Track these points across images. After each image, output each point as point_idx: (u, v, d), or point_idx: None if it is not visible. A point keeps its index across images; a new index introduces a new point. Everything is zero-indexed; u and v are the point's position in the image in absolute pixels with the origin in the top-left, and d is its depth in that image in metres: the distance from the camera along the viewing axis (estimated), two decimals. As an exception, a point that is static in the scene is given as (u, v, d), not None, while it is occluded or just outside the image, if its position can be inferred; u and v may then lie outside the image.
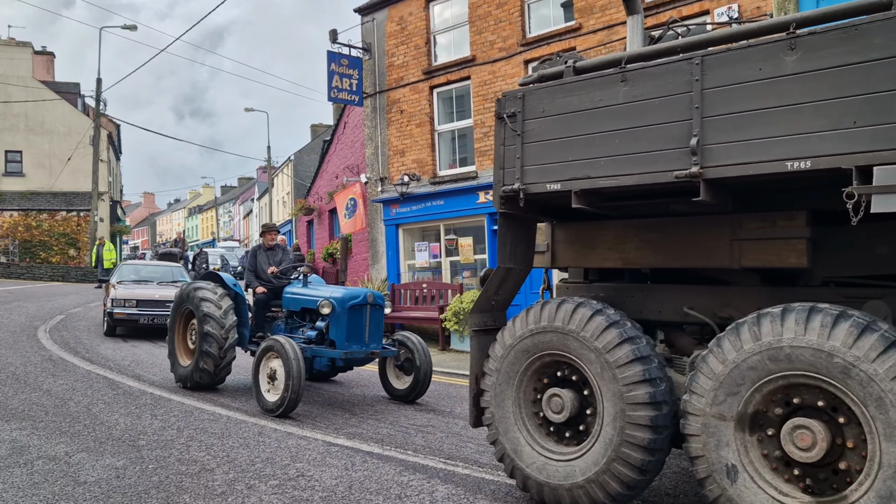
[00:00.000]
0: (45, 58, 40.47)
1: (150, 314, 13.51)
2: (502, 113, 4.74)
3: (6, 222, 33.29)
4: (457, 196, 14.98)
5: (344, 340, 8.02)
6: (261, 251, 9.45)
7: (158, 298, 13.72)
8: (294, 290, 8.84)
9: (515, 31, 14.18)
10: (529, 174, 4.58)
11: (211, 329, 8.37)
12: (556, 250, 5.43)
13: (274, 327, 9.09)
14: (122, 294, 13.69)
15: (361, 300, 8.15)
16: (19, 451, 5.87)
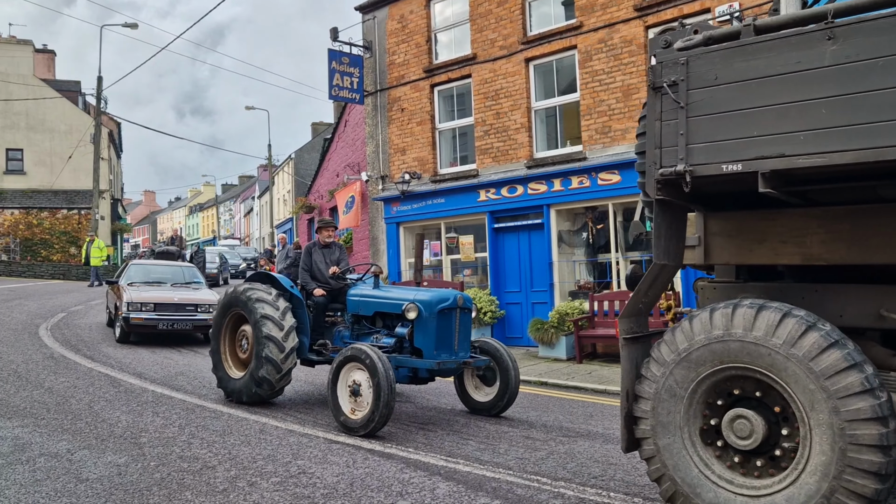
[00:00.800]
0: (46, 56, 40.45)
1: (169, 319, 12.54)
2: (659, 82, 4.04)
3: (7, 220, 33.30)
4: (457, 194, 14.99)
5: (433, 349, 7.18)
6: (316, 249, 8.61)
7: (178, 301, 12.84)
8: (364, 292, 8.01)
9: (516, 29, 14.17)
10: (697, 153, 3.88)
11: (270, 332, 7.50)
12: (710, 244, 4.64)
13: (335, 334, 8.19)
14: (137, 297, 12.58)
15: (451, 303, 7.30)
16: (21, 448, 5.88)
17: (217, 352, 8.29)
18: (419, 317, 7.20)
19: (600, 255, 13.32)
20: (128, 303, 12.32)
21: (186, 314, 12.74)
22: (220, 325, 8.33)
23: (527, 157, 13.93)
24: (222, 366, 8.21)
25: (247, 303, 7.81)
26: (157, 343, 12.87)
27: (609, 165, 12.55)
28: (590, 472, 5.61)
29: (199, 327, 12.81)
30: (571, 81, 13.62)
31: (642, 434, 4.22)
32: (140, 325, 12.35)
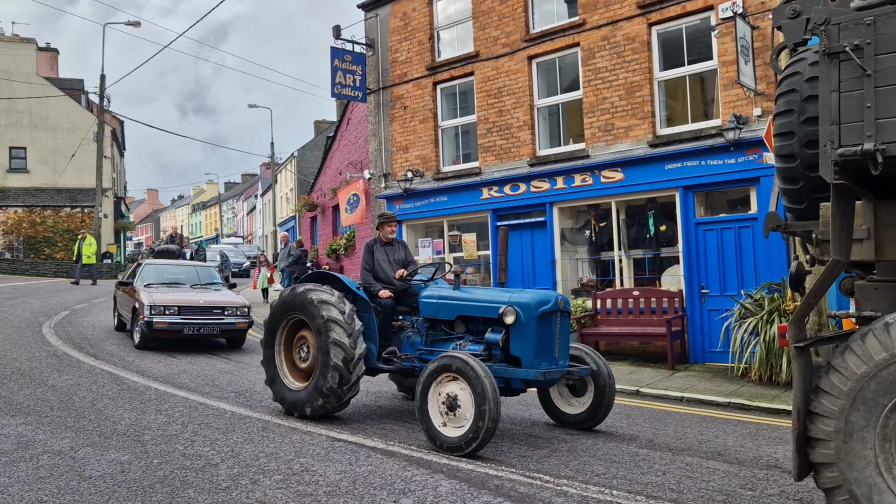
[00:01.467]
0: (48, 54, 40.50)
1: (195, 323, 11.64)
2: (838, 47, 3.50)
3: (10, 218, 33.36)
4: (460, 192, 14.98)
5: (533, 357, 6.44)
6: (378, 247, 7.90)
7: (204, 304, 11.94)
8: (444, 294, 7.24)
9: (519, 26, 14.15)
10: (889, 129, 3.38)
11: (337, 337, 6.80)
12: (881, 238, 3.97)
13: (403, 340, 7.48)
14: (160, 299, 11.62)
15: (552, 306, 6.57)
16: (25, 445, 5.89)
17: (271, 361, 7.51)
18: (517, 321, 6.46)
19: (603, 252, 13.30)
20: (150, 306, 11.36)
21: (213, 318, 11.88)
22: (275, 331, 7.56)
23: (529, 154, 13.92)
24: (278, 377, 7.44)
25: (307, 305, 7.06)
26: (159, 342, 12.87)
27: (612, 163, 12.53)
28: (593, 470, 5.61)
29: (226, 332, 12.14)
30: (574, 79, 13.59)
31: (825, 459, 3.57)
32: (164, 331, 11.42)
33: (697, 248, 11.68)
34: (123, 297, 13.19)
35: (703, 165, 11.47)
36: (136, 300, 11.92)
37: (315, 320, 6.99)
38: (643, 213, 12.70)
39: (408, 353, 7.34)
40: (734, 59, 10.90)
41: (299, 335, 7.46)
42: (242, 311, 12.19)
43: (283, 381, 7.41)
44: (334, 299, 7.03)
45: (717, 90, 11.64)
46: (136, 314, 11.81)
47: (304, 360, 7.36)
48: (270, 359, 7.54)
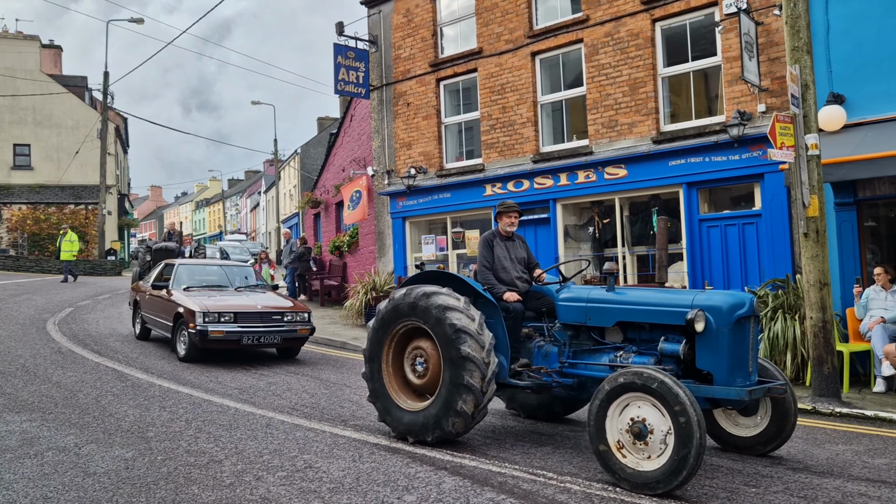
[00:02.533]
0: (52, 51, 40.56)
1: (254, 331, 10.35)
2: None
3: (15, 215, 33.44)
4: (463, 189, 14.96)
5: (727, 372, 5.35)
6: (498, 242, 6.82)
7: (262, 309, 10.65)
8: (595, 297, 6.14)
9: (522, 22, 14.12)
10: None
11: (469, 351, 5.76)
12: None
13: (533, 351, 6.44)
14: (213, 305, 10.35)
15: (748, 309, 5.48)
16: (29, 442, 5.91)
17: (377, 375, 6.48)
18: (707, 329, 5.39)
19: (606, 249, 13.28)
20: (203, 313, 10.06)
21: (273, 324, 10.59)
22: (382, 339, 6.51)
23: (533, 151, 13.90)
24: (386, 394, 6.41)
25: (429, 312, 6.04)
26: (162, 339, 12.89)
27: (615, 160, 12.51)
28: (596, 467, 5.60)
29: (287, 340, 10.81)
30: (578, 75, 13.56)
31: None
32: (220, 341, 10.12)
33: (701, 245, 11.65)
34: (155, 303, 11.82)
35: (707, 162, 11.45)
36: (180, 306, 10.58)
37: (439, 330, 5.96)
38: (647, 209, 12.68)
39: (541, 365, 6.30)
40: (738, 55, 10.86)
41: (413, 346, 6.39)
42: (303, 317, 10.99)
43: (392, 400, 6.37)
44: (462, 305, 6.04)
45: (721, 86, 11.60)
46: (181, 322, 10.50)
47: (419, 375, 6.30)
48: (376, 372, 6.49)
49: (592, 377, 5.95)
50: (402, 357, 6.52)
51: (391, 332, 6.48)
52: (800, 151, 8.36)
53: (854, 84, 10.05)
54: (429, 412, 6.05)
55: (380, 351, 6.52)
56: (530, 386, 6.26)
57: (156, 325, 11.89)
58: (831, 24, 10.29)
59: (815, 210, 8.32)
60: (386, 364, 6.51)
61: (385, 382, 6.46)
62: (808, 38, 8.50)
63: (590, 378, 5.99)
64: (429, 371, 6.22)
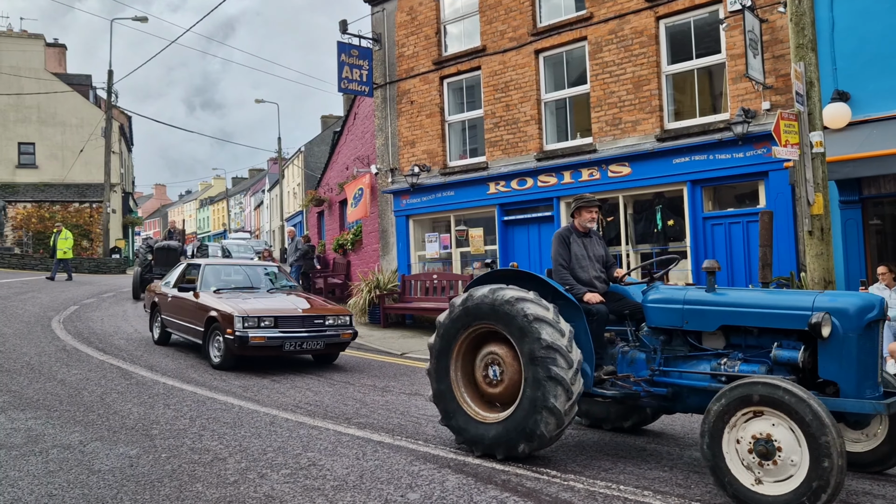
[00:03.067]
0: (56, 50, 40.67)
1: (297, 337, 9.62)
2: None
3: (20, 214, 33.56)
4: (467, 187, 14.96)
5: (855, 382, 4.81)
6: (575, 238, 6.31)
7: (303, 313, 9.95)
8: (693, 298, 5.56)
9: (526, 20, 14.10)
10: None
11: (559, 372, 5.25)
12: None
13: (617, 357, 5.97)
14: (252, 308, 9.72)
15: (878, 313, 4.93)
16: (34, 439, 5.93)
17: (444, 380, 6.01)
18: (832, 334, 4.83)
19: (610, 247, 13.26)
20: (242, 317, 9.39)
21: (315, 329, 9.86)
22: (451, 342, 6.00)
23: (536, 149, 13.88)
24: (454, 401, 5.93)
25: (514, 318, 5.49)
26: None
27: (619, 157, 12.49)
28: (600, 465, 5.60)
29: (330, 345, 10.13)
30: (581, 73, 13.54)
31: None
32: (261, 347, 9.43)
33: (705, 243, 11.63)
34: (180, 306, 11.11)
35: (712, 160, 11.42)
36: (213, 310, 9.92)
37: (524, 341, 5.43)
38: (651, 207, 12.66)
39: (627, 373, 5.82)
40: (742, 53, 10.84)
41: (488, 350, 5.83)
42: (345, 320, 10.26)
43: (461, 408, 5.89)
44: (552, 316, 5.45)
45: (726, 84, 11.58)
46: (214, 327, 9.88)
47: (493, 383, 5.76)
48: (443, 372, 6.02)
49: (690, 387, 5.45)
50: (472, 359, 6.00)
51: (462, 334, 5.96)
52: (804, 149, 8.34)
53: (859, 81, 10.02)
54: (502, 428, 5.53)
55: (449, 350, 6.01)
56: (616, 396, 5.72)
57: (180, 330, 11.23)
58: (836, 20, 10.26)
59: (819, 208, 8.30)
60: (455, 365, 6.01)
61: (453, 385, 5.96)
62: (813, 35, 8.48)
63: (686, 388, 5.48)
64: (504, 380, 5.68)
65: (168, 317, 11.59)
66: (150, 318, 12.51)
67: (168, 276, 12.71)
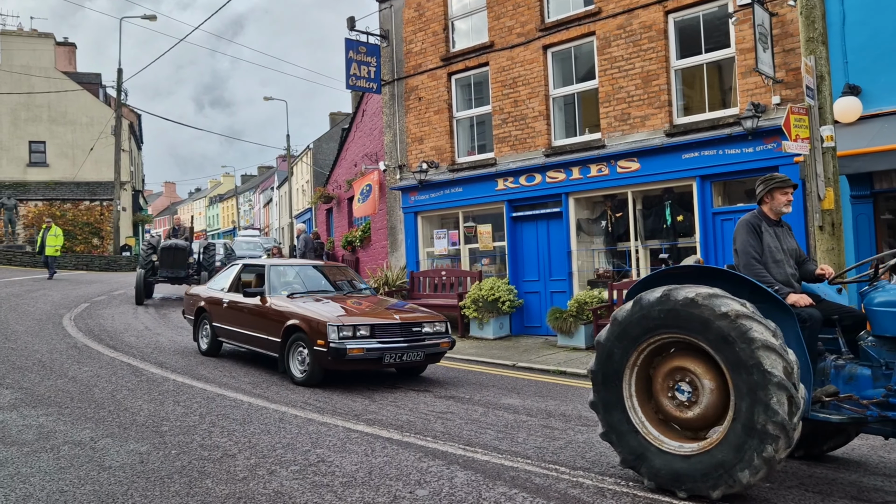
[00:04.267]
0: (66, 49, 40.91)
1: (396, 348, 8.55)
2: None
3: (31, 212, 33.79)
4: (475, 183, 14.94)
5: None
6: (766, 227, 5.33)
7: (400, 321, 8.81)
8: None
9: (534, 15, 14.05)
10: None
11: (781, 376, 4.27)
12: None
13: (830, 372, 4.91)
14: (346, 317, 8.63)
15: None
16: (46, 436, 5.97)
17: (615, 405, 4.97)
18: None
19: (619, 243, 13.22)
20: (337, 326, 8.30)
21: (414, 339, 8.79)
22: (620, 366, 4.98)
23: (545, 145, 13.85)
24: (633, 430, 4.88)
25: (709, 322, 4.49)
26: (177, 333, 12.98)
27: (628, 153, 12.44)
28: (608, 462, 5.59)
29: (430, 356, 9.06)
30: (590, 68, 13.49)
31: None
32: (360, 360, 8.35)
33: (715, 238, 11.58)
34: (241, 313, 9.98)
35: (721, 155, 11.36)
36: (296, 317, 8.82)
37: (727, 347, 4.45)
38: (660, 203, 12.61)
39: (848, 392, 4.77)
40: (752, 47, 10.76)
41: (671, 366, 4.83)
42: (441, 327, 9.22)
43: (642, 436, 4.84)
44: (752, 312, 4.48)
45: (735, 78, 11.50)
46: (297, 338, 8.78)
47: (684, 405, 4.75)
48: (614, 401, 4.98)
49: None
50: (647, 379, 4.99)
51: (638, 347, 4.90)
52: (815, 143, 8.27)
53: (870, 75, 9.93)
54: (710, 458, 4.51)
55: (618, 373, 4.96)
56: (845, 421, 4.68)
57: (242, 341, 10.00)
58: (847, 14, 10.17)
59: (830, 203, 8.24)
60: (629, 389, 4.96)
61: (630, 415, 4.91)
62: (824, 28, 8.41)
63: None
64: (699, 401, 4.67)
65: (222, 325, 10.39)
66: (194, 326, 11.23)
67: (216, 279, 11.60)
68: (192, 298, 11.57)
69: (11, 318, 13.59)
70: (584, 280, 13.49)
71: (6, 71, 34.75)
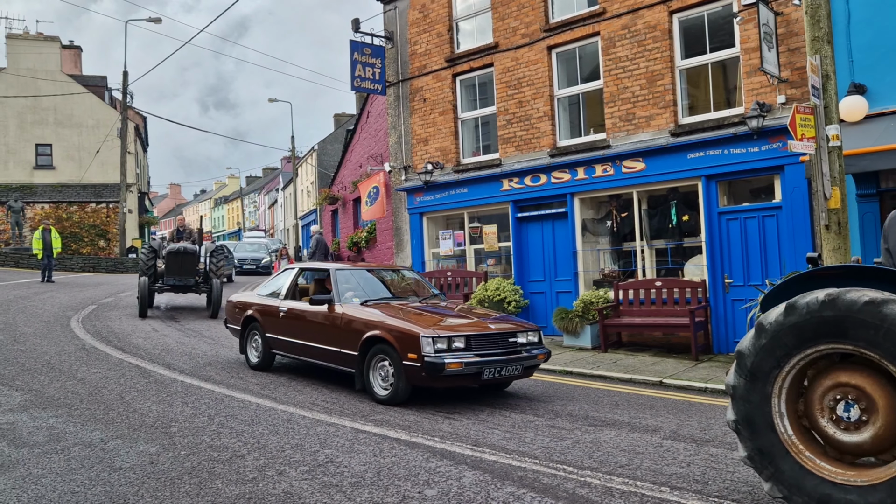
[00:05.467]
0: (72, 52, 41.01)
1: (495, 361, 7.68)
2: None
3: (38, 214, 33.91)
4: (480, 184, 14.96)
5: None
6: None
7: (495, 330, 7.95)
8: None
9: (538, 16, 14.06)
10: None
11: None
12: None
13: None
14: (440, 328, 7.73)
15: None
16: (56, 437, 6.02)
17: (764, 427, 4.33)
18: None
19: (625, 243, 13.23)
20: (432, 337, 7.43)
21: (511, 351, 7.93)
22: (768, 382, 4.33)
23: (550, 145, 13.86)
24: (787, 454, 4.25)
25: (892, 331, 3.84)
26: (184, 334, 13.04)
27: (633, 153, 12.44)
28: (616, 461, 5.60)
29: (527, 369, 8.20)
30: (594, 69, 13.49)
31: None
32: (457, 376, 7.52)
33: (721, 238, 11.57)
34: (305, 323, 9.03)
35: (726, 154, 11.35)
36: (378, 328, 7.90)
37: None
38: (665, 202, 12.61)
39: None
40: (757, 46, 10.75)
41: (830, 384, 4.19)
42: (534, 338, 8.30)
43: (798, 463, 4.22)
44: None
45: (740, 78, 11.50)
46: (379, 350, 7.88)
47: (850, 427, 4.11)
48: (762, 428, 4.33)
49: None
50: (796, 397, 4.37)
51: (790, 361, 4.26)
52: (821, 143, 8.27)
53: (876, 74, 9.92)
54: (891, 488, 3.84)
55: (767, 389, 4.32)
56: None
57: (303, 354, 9.12)
58: (852, 12, 10.16)
59: (836, 202, 8.24)
60: (779, 409, 4.33)
61: (783, 439, 4.28)
62: (829, 27, 8.41)
63: None
64: (871, 421, 4.03)
65: (278, 336, 9.49)
66: (242, 337, 10.24)
67: (266, 285, 10.58)
68: (237, 307, 10.51)
69: (20, 320, 13.66)
70: (589, 280, 13.50)
71: (12, 74, 34.91)
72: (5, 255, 30.06)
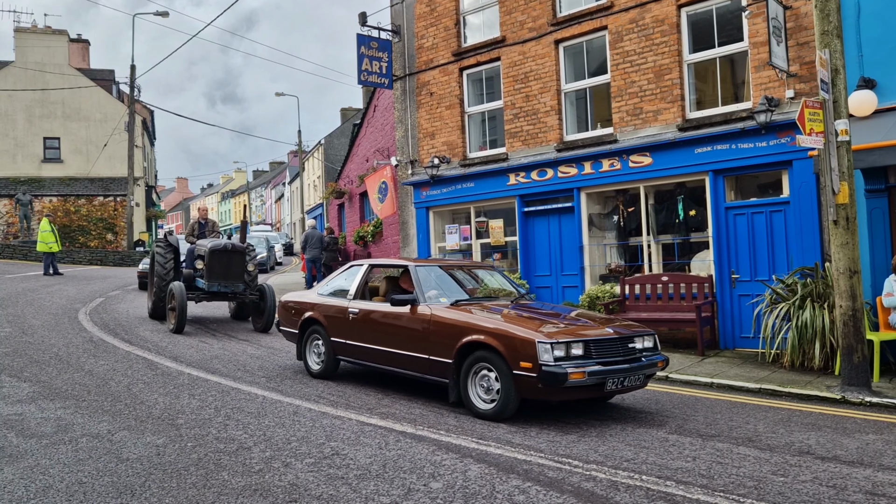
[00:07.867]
0: (80, 45, 41.14)
1: (617, 370, 6.75)
2: None
3: (46, 208, 34.06)
4: (487, 178, 14.94)
5: None
6: None
7: (615, 335, 6.97)
8: None
9: (546, 10, 14.01)
10: None
11: None
12: None
13: None
14: (557, 332, 6.74)
15: None
16: (64, 429, 6.06)
17: None
18: None
19: (631, 238, 13.19)
20: (550, 344, 6.46)
21: (632, 357, 7.01)
22: None
23: (557, 140, 13.82)
24: None
25: None
26: (193, 328, 13.07)
27: (640, 147, 12.40)
28: (622, 456, 5.60)
29: (647, 378, 7.28)
30: (602, 63, 13.44)
31: None
32: (580, 388, 6.56)
33: (728, 233, 11.53)
34: (383, 325, 8.06)
35: (734, 149, 11.30)
36: (480, 333, 6.91)
37: None
38: (672, 197, 12.57)
39: None
40: (766, 41, 10.69)
41: None
42: (650, 342, 7.38)
43: None
44: None
45: (749, 72, 11.44)
46: (480, 358, 6.91)
47: None
48: None
49: None
50: None
51: None
52: (829, 137, 8.23)
53: (885, 68, 9.85)
54: None
55: None
56: None
57: (379, 361, 8.14)
58: (862, 6, 10.08)
59: (844, 197, 8.20)
60: None
61: None
62: (838, 21, 8.35)
63: None
64: None
65: (347, 341, 8.50)
66: (300, 341, 9.26)
67: (327, 283, 9.54)
68: (293, 308, 9.46)
69: (28, 312, 13.74)
70: (595, 275, 13.48)
71: (21, 68, 35.05)
72: (14, 248, 30.21)
